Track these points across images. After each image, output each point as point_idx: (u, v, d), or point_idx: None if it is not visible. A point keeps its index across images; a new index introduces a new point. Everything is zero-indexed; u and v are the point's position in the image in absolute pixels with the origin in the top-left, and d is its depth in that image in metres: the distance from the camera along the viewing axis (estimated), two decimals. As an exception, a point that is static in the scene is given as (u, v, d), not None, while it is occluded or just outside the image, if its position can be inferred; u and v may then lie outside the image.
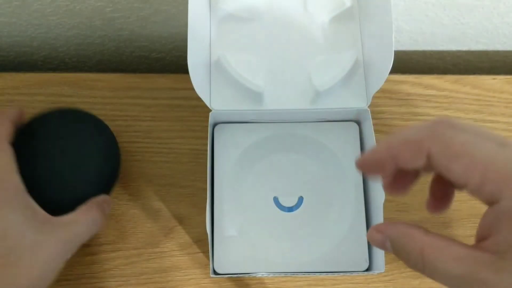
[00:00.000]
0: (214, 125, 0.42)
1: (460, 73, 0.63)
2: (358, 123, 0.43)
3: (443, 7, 0.51)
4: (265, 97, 0.40)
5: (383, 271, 0.37)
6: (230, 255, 0.39)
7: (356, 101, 0.40)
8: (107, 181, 0.42)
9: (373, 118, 0.44)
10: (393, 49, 0.36)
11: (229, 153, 0.42)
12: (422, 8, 0.51)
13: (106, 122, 0.45)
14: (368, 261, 0.39)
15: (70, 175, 0.40)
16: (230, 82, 0.40)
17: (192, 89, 0.37)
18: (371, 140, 0.39)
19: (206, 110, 0.40)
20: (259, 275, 0.38)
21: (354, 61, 0.40)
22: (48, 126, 0.42)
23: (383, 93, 0.49)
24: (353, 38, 0.42)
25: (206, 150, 0.40)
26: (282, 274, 0.37)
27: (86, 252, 0.44)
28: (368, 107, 0.40)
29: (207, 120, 0.40)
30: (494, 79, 0.50)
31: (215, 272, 0.39)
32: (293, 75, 0.41)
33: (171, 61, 0.61)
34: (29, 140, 0.42)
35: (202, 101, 0.40)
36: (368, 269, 0.39)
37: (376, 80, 0.39)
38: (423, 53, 0.60)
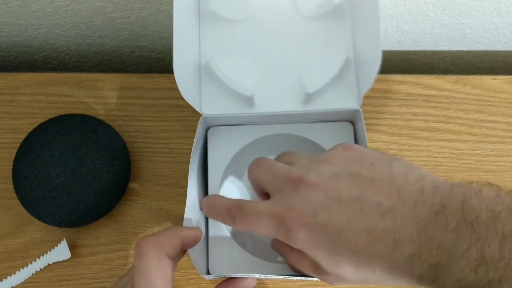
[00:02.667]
0: (207, 129, 0.42)
1: (461, 73, 0.63)
2: (352, 123, 0.42)
3: (443, 7, 0.50)
4: (256, 100, 0.40)
5: None
6: (224, 257, 0.39)
7: (347, 102, 0.40)
8: (119, 192, 0.44)
9: (373, 118, 0.44)
10: (381, 47, 0.36)
11: (223, 156, 0.41)
12: (422, 8, 0.51)
13: (106, 122, 0.45)
14: None
15: (84, 186, 0.42)
16: (220, 86, 0.40)
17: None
18: (363, 142, 0.38)
19: (206, 110, 0.40)
20: (251, 276, 0.38)
21: (344, 61, 0.40)
22: (63, 133, 0.44)
23: (383, 93, 0.49)
24: (344, 38, 0.41)
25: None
26: (274, 277, 0.37)
27: (86, 252, 0.44)
28: (360, 107, 0.40)
29: (207, 120, 0.40)
30: (494, 79, 0.50)
31: (208, 273, 0.38)
32: (284, 77, 0.41)
33: (171, 61, 0.60)
34: (44, 147, 0.43)
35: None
36: None
37: (366, 80, 0.38)
38: (423, 53, 0.60)
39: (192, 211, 0.36)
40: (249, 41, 0.41)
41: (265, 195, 0.35)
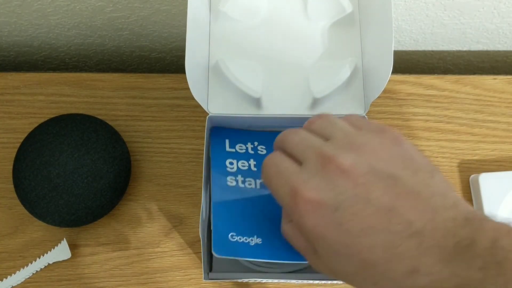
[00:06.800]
0: (211, 128, 0.42)
1: (461, 73, 0.63)
2: None
3: (443, 7, 0.50)
4: (263, 102, 0.40)
5: None
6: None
7: (354, 108, 0.40)
8: (119, 192, 0.44)
9: (373, 118, 0.44)
10: (392, 57, 0.36)
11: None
12: (422, 8, 0.51)
13: (106, 122, 0.45)
14: None
15: (84, 186, 0.43)
16: (228, 87, 0.40)
17: (192, 89, 0.37)
18: None
19: (206, 110, 0.40)
20: (252, 280, 0.38)
21: (353, 68, 0.40)
22: (63, 133, 0.44)
23: (383, 93, 0.48)
24: (353, 45, 0.42)
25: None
26: (275, 281, 0.36)
27: (86, 252, 0.44)
28: (366, 114, 0.40)
29: (207, 120, 0.40)
30: (494, 79, 0.50)
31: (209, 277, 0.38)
32: (292, 81, 0.41)
33: (171, 61, 0.61)
34: (44, 147, 0.43)
35: (202, 101, 0.40)
36: None
37: (374, 87, 0.39)
38: (424, 53, 0.60)
39: (204, 213, 0.37)
40: (258, 44, 0.42)
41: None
